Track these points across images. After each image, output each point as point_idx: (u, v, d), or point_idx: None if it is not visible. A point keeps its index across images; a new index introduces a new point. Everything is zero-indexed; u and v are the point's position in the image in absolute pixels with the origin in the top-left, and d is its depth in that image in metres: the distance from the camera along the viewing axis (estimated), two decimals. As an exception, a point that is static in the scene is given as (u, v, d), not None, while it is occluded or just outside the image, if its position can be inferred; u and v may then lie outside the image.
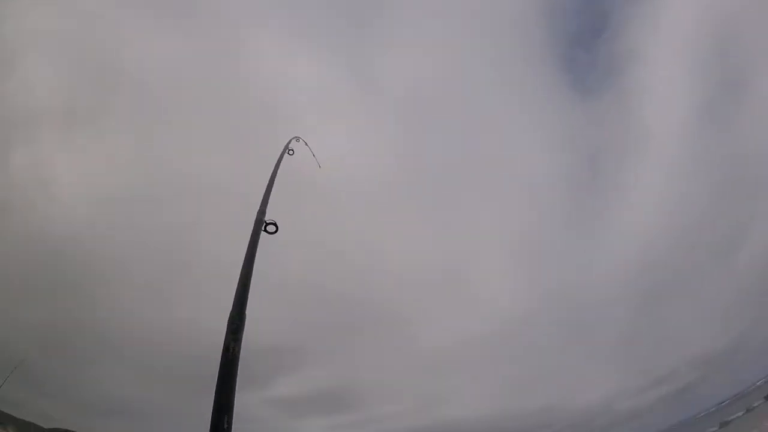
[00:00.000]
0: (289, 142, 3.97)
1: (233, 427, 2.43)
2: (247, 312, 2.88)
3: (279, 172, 3.71)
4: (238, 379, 2.59)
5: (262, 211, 3.16)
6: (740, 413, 31.15)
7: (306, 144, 4.29)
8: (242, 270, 2.87)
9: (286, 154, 3.85)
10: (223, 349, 2.61)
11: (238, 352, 2.64)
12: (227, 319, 2.69)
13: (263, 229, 3.12)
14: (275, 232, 3.17)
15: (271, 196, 3.48)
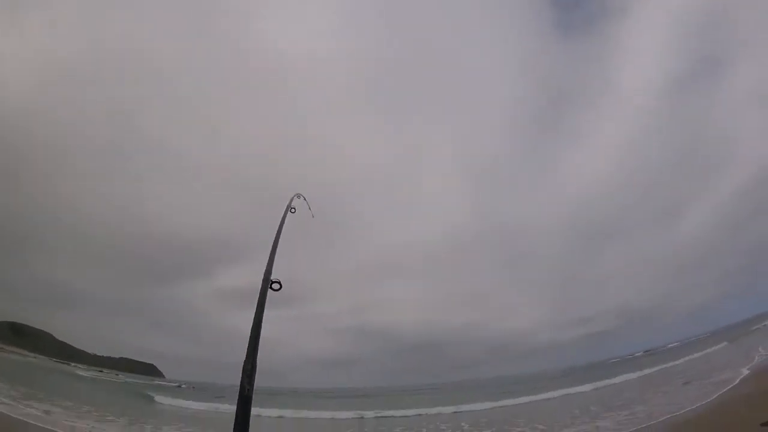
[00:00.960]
0: (291, 200, 4.59)
1: None
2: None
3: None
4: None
5: (268, 271, 3.81)
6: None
7: (305, 200, 4.87)
8: (253, 323, 3.52)
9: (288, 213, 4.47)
10: (239, 392, 3.26)
11: (251, 393, 3.30)
12: (242, 366, 3.34)
13: (270, 287, 3.77)
14: (279, 289, 3.82)
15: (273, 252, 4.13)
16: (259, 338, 3.47)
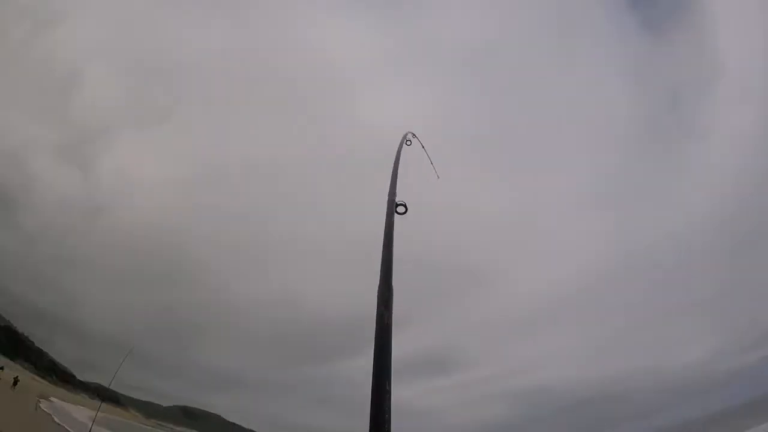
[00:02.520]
0: (405, 137, 4.23)
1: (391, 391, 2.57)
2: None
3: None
4: (392, 349, 2.75)
5: (392, 193, 3.41)
6: None
7: (422, 145, 4.52)
8: (383, 248, 3.09)
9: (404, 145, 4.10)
10: (376, 319, 2.81)
11: (390, 320, 2.82)
12: (376, 292, 2.92)
13: (395, 210, 3.34)
14: (405, 213, 3.38)
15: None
16: (392, 262, 3.03)
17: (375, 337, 2.76)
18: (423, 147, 4.49)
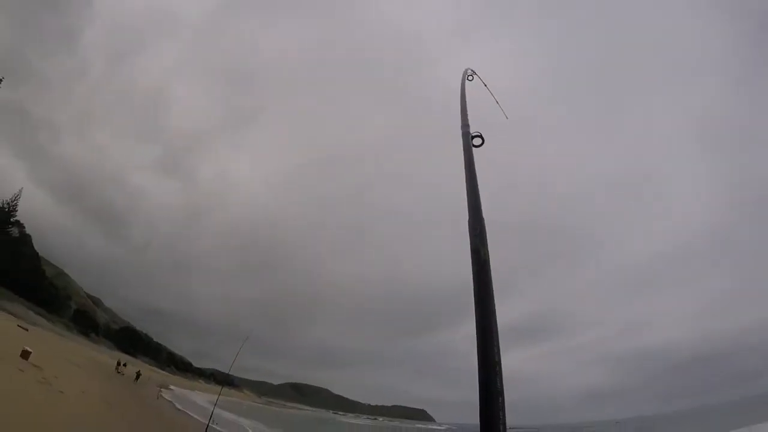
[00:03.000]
0: (466, 72, 3.88)
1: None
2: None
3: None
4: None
5: (465, 125, 3.14)
6: None
7: (484, 84, 4.13)
8: (467, 183, 2.85)
9: (466, 81, 3.77)
10: (472, 256, 2.61)
11: (488, 256, 2.60)
12: (468, 226, 2.71)
13: (471, 142, 3.08)
14: (481, 144, 3.10)
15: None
16: (478, 195, 2.78)
17: (473, 277, 2.56)
18: (485, 85, 4.10)
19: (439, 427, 70.84)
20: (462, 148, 3.05)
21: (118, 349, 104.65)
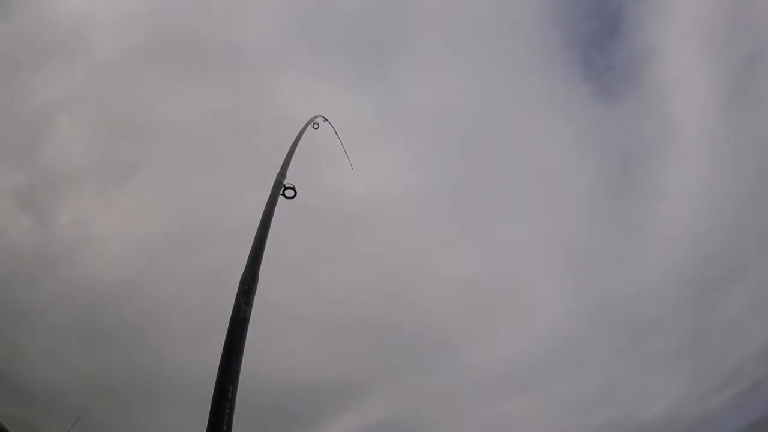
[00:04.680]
0: (315, 118, 3.87)
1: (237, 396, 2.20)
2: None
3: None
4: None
5: (282, 174, 3.02)
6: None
7: (332, 127, 4.15)
8: (258, 231, 2.70)
9: (310, 127, 3.73)
10: (232, 312, 2.42)
11: (249, 315, 2.44)
12: (239, 282, 2.51)
13: (282, 193, 2.97)
14: (294, 197, 3.02)
15: (293, 166, 3.34)
16: (263, 248, 2.64)
17: (227, 333, 2.37)
18: (336, 133, 4.13)
19: None
20: (269, 194, 2.91)
21: None
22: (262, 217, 2.77)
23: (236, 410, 2.17)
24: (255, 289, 2.50)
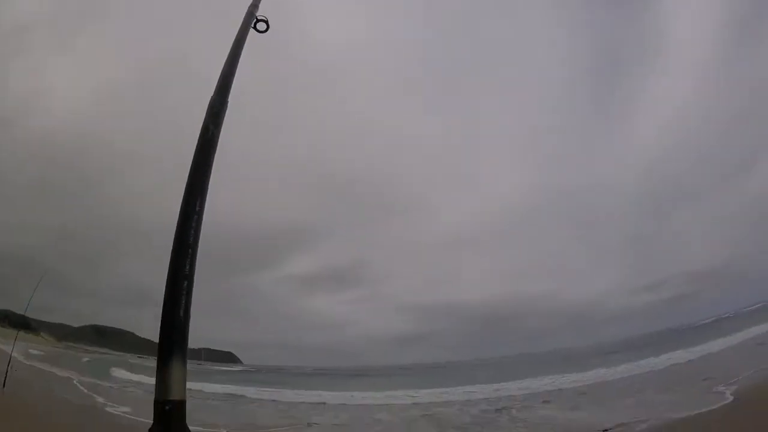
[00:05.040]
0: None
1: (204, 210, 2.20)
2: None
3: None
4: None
5: (254, 5, 2.81)
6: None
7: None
8: (227, 60, 2.56)
9: None
10: (201, 131, 2.35)
11: (217, 137, 2.38)
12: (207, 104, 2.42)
13: (254, 26, 2.79)
14: (266, 30, 2.83)
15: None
16: (233, 76, 2.52)
17: (194, 154, 2.32)
18: None
19: (247, 369, 71.29)
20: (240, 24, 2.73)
21: None
22: (231, 47, 2.62)
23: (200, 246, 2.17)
24: (224, 114, 2.42)
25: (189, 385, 1.85)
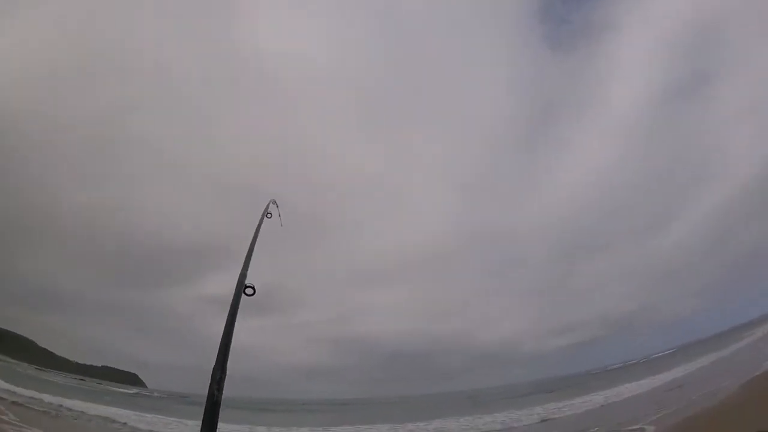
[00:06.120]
0: (267, 206, 4.59)
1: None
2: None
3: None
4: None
5: (243, 274, 3.79)
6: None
7: (278, 207, 4.85)
8: (225, 328, 3.50)
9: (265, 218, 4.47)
10: (207, 396, 3.23)
11: (220, 399, 3.26)
12: (211, 370, 3.31)
13: (243, 291, 3.75)
14: (253, 294, 3.81)
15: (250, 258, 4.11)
16: (230, 345, 3.44)
17: (204, 413, 3.18)
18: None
19: (149, 393, 65.42)
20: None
21: None
22: (227, 318, 3.56)
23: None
24: (224, 378, 3.32)
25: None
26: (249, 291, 3.78)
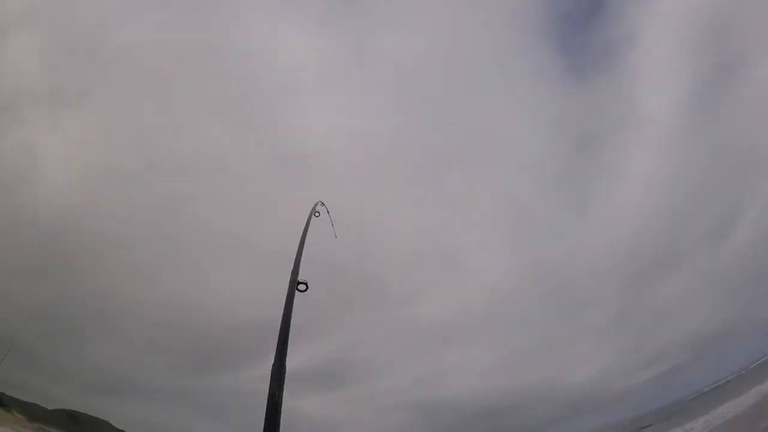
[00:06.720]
0: (315, 205, 4.55)
1: None
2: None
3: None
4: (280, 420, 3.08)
5: (295, 272, 3.70)
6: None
7: (327, 211, 4.83)
8: (281, 326, 3.38)
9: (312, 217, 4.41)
10: (268, 396, 3.10)
11: (281, 400, 3.12)
12: (270, 369, 3.19)
13: (296, 288, 3.65)
14: (306, 290, 3.69)
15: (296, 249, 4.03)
16: (287, 341, 3.32)
17: (266, 413, 3.04)
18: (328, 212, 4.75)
19: None
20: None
21: None
22: (283, 315, 3.44)
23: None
24: (284, 376, 3.19)
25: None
26: (302, 287, 3.67)
